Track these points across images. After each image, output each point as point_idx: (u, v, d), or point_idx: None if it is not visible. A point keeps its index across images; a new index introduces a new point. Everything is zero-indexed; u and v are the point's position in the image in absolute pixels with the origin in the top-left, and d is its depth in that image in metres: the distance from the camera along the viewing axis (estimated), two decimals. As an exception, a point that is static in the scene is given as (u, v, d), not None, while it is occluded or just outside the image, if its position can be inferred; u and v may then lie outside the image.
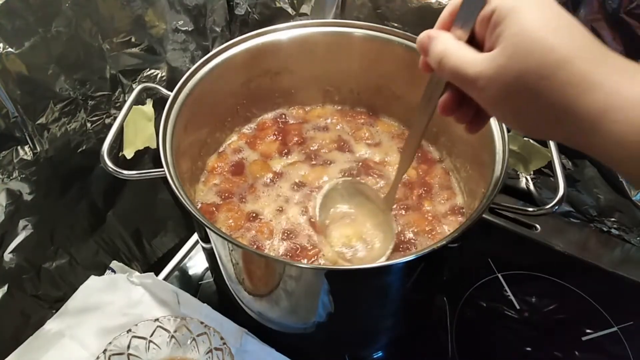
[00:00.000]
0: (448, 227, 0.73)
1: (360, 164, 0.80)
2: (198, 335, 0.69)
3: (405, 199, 0.76)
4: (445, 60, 0.42)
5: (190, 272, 0.92)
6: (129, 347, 0.68)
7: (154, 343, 0.69)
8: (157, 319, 0.70)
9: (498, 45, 0.38)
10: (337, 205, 0.72)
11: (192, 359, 0.69)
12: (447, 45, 0.42)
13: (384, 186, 0.77)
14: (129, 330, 0.68)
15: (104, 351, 0.66)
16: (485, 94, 0.39)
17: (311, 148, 0.83)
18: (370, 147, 0.83)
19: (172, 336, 0.70)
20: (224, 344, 0.67)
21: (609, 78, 0.34)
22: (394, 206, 0.74)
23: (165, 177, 0.61)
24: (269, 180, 0.78)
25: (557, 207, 0.61)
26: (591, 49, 0.36)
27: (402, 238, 0.71)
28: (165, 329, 0.69)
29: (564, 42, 0.35)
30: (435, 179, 0.79)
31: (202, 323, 0.68)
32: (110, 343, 0.67)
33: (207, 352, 0.68)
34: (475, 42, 0.42)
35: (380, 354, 0.80)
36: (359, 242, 0.69)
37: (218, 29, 1.01)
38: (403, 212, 0.74)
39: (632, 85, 0.34)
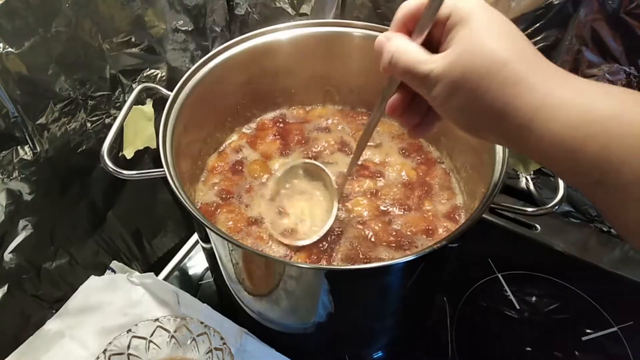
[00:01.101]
0: (448, 228, 0.73)
1: (361, 164, 0.80)
2: (198, 335, 0.69)
3: (405, 199, 0.76)
4: (396, 57, 0.44)
5: (190, 272, 0.92)
6: (129, 347, 0.68)
7: (154, 343, 0.69)
8: (157, 319, 0.70)
9: (450, 46, 0.41)
10: (297, 181, 0.74)
11: (192, 359, 0.69)
12: (400, 45, 0.45)
13: (384, 186, 0.77)
14: (129, 330, 0.68)
15: (104, 351, 0.66)
16: (434, 90, 0.42)
17: (313, 150, 0.82)
18: (371, 149, 0.83)
19: (172, 336, 0.70)
20: (224, 344, 0.67)
21: (544, 81, 0.38)
22: (393, 205, 0.75)
23: (165, 177, 0.61)
24: (267, 181, 0.78)
25: (557, 207, 0.61)
26: (529, 55, 0.39)
27: (403, 238, 0.71)
28: (165, 329, 0.69)
29: (506, 47, 0.39)
30: (436, 179, 0.79)
31: (202, 323, 0.68)
32: (110, 343, 0.67)
33: (207, 352, 0.68)
34: (428, 47, 0.45)
35: (380, 354, 0.80)
36: (308, 218, 0.71)
37: (218, 29, 1.01)
38: (403, 212, 0.74)
39: (564, 89, 0.37)
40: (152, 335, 0.69)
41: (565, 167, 0.38)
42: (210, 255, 0.72)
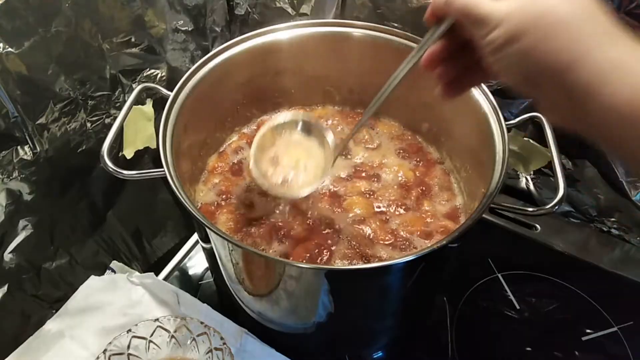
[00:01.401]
0: (448, 228, 0.73)
1: (357, 167, 0.80)
2: (198, 335, 0.69)
3: (404, 199, 0.76)
4: None
5: (190, 272, 0.92)
6: (129, 347, 0.68)
7: (154, 343, 0.69)
8: (157, 319, 0.70)
9: None
10: (294, 133, 0.70)
11: (192, 359, 0.69)
12: None
13: (380, 188, 0.77)
14: (129, 330, 0.68)
15: (104, 351, 0.66)
16: (493, 34, 0.40)
17: None
18: (369, 151, 0.83)
19: (172, 336, 0.70)
20: (224, 344, 0.67)
21: (613, 47, 0.37)
22: (390, 206, 0.75)
23: (165, 177, 0.61)
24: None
25: (557, 207, 0.61)
26: (601, 18, 0.39)
27: (402, 238, 0.71)
28: (165, 329, 0.69)
29: (579, 7, 0.39)
30: (435, 179, 0.79)
31: (202, 323, 0.68)
32: (110, 343, 0.67)
33: (207, 352, 0.68)
34: None
35: (380, 354, 0.80)
36: (301, 169, 0.68)
37: (218, 29, 1.01)
38: (403, 212, 0.74)
39: (631, 55, 0.37)
40: (152, 335, 0.69)
41: (626, 132, 0.37)
42: (210, 255, 0.72)
